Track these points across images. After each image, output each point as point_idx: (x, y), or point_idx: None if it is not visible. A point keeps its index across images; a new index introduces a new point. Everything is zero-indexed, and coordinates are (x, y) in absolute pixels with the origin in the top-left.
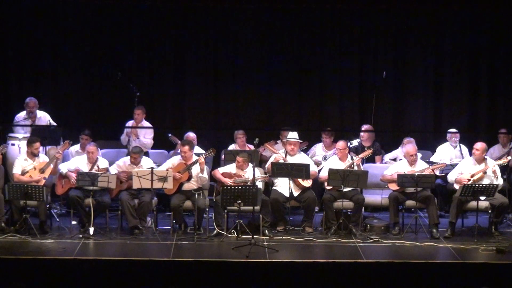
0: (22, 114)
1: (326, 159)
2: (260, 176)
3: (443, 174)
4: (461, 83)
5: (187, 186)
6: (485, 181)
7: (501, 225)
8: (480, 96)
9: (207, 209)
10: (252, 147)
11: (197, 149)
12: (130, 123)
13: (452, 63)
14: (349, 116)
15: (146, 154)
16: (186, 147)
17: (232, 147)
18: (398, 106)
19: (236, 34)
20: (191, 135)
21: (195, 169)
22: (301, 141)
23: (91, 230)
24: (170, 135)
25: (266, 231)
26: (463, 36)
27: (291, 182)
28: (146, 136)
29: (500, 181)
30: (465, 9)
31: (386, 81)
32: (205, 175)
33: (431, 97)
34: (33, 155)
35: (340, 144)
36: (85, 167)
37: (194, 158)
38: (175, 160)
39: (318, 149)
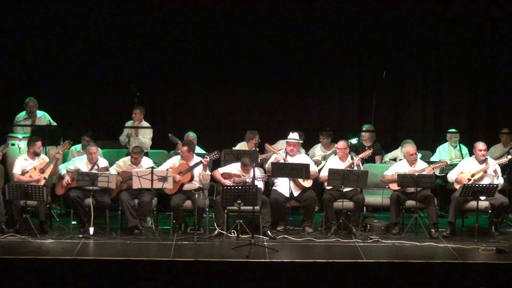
0: (22, 114)
1: (325, 158)
2: (260, 176)
3: (443, 174)
4: (461, 83)
5: (187, 186)
6: (486, 181)
7: (501, 225)
8: (480, 96)
9: (207, 209)
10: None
11: (198, 149)
12: (129, 123)
13: (452, 63)
14: (349, 116)
15: (146, 154)
16: (185, 148)
17: (240, 145)
18: (398, 106)
19: (236, 34)
20: (191, 135)
21: (198, 169)
22: (301, 141)
23: (91, 230)
24: (170, 135)
25: (269, 232)
26: (463, 36)
27: (291, 182)
28: (145, 136)
29: (500, 180)
30: (465, 9)
31: (386, 81)
32: (208, 172)
33: (431, 97)
34: (35, 154)
35: (341, 144)
36: (85, 168)
37: (196, 158)
38: (176, 160)
39: (317, 149)
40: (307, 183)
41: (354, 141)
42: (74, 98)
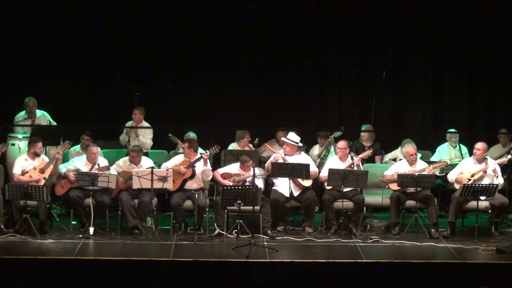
0: (21, 114)
1: (320, 156)
2: (260, 173)
3: (443, 174)
4: (461, 83)
5: (188, 185)
6: (485, 181)
7: (501, 225)
8: (480, 96)
9: (207, 209)
10: (251, 147)
11: (200, 150)
12: (130, 123)
13: (452, 63)
14: (349, 116)
15: (146, 154)
16: (186, 144)
17: (232, 146)
18: (398, 106)
19: (236, 34)
20: (192, 135)
21: (199, 166)
22: (300, 144)
23: (91, 230)
24: (170, 135)
25: (269, 231)
26: (463, 36)
27: (291, 182)
28: (145, 136)
29: (500, 180)
30: (465, 9)
31: (386, 81)
32: (209, 166)
33: (431, 97)
34: (35, 154)
35: (341, 144)
36: (84, 168)
37: (198, 156)
38: (180, 158)
39: (316, 150)
40: (307, 183)
41: (338, 133)
42: (74, 98)
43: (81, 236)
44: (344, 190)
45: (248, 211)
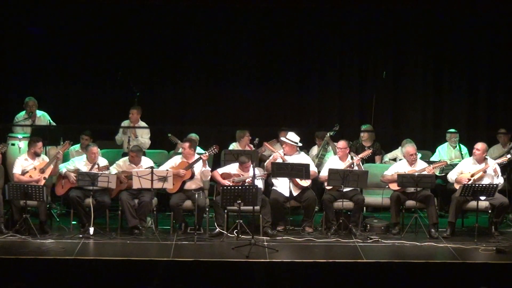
0: (21, 114)
1: (318, 156)
2: (259, 174)
3: (443, 174)
4: (461, 83)
5: (188, 185)
6: (485, 181)
7: (501, 225)
8: (480, 96)
9: (207, 209)
10: (252, 147)
11: (198, 149)
12: (125, 122)
13: (452, 63)
14: (349, 116)
15: (144, 154)
16: (186, 144)
17: (233, 146)
18: (398, 106)
19: (236, 34)
20: (194, 136)
21: (198, 166)
22: (300, 144)
23: (91, 230)
24: (170, 135)
25: (269, 230)
26: (463, 36)
27: (290, 182)
28: (143, 136)
29: (500, 180)
30: (465, 9)
31: (386, 81)
32: (208, 168)
33: (431, 97)
34: (36, 154)
35: (341, 143)
36: (84, 167)
37: (197, 157)
38: (177, 159)
39: (314, 151)
40: (305, 183)
41: (331, 132)
42: (74, 98)
43: (81, 236)
44: (344, 190)
45: (248, 211)
